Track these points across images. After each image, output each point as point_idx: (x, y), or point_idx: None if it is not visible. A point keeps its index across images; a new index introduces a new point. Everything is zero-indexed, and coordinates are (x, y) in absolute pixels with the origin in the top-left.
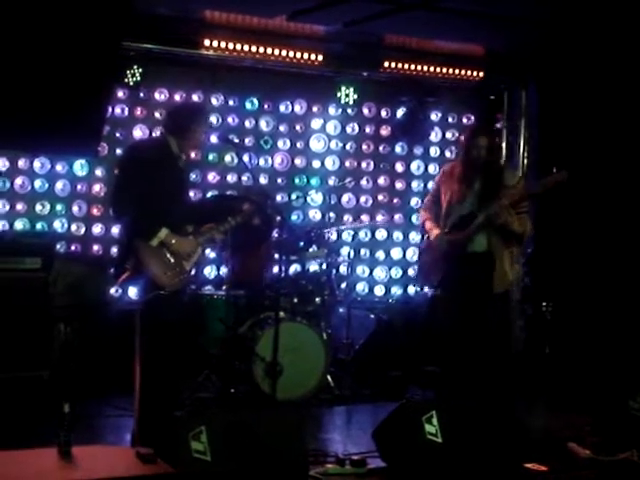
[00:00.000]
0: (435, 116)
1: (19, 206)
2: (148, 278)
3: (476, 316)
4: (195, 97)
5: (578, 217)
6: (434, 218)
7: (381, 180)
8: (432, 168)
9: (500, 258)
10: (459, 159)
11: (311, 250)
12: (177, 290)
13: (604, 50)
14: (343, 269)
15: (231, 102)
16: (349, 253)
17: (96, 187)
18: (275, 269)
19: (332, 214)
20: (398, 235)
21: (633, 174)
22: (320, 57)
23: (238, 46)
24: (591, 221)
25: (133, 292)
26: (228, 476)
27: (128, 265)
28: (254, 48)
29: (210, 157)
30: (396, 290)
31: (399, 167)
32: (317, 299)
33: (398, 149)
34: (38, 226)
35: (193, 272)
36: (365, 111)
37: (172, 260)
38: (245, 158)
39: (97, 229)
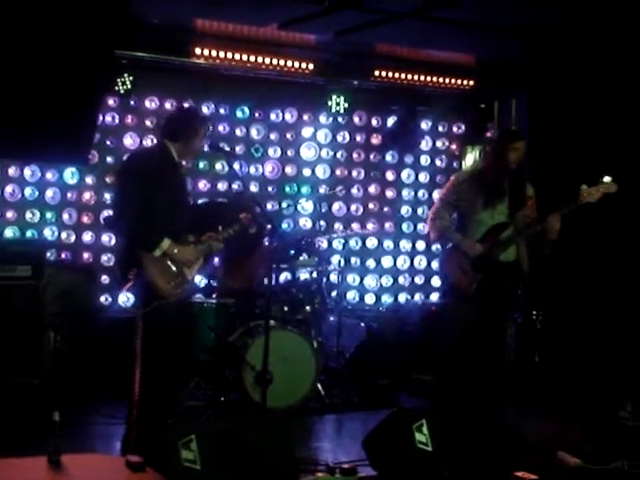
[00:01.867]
0: (425, 125)
1: (9, 214)
2: (151, 288)
3: (494, 325)
4: (186, 105)
5: (569, 226)
6: (451, 226)
7: (372, 188)
8: (422, 177)
9: (524, 266)
10: (487, 165)
11: (301, 258)
12: (179, 299)
13: (595, 59)
14: (333, 277)
15: (222, 110)
16: (339, 261)
17: (86, 195)
18: (265, 277)
19: (323, 222)
20: (388, 243)
21: (625, 184)
22: (311, 66)
23: (229, 55)
24: (582, 231)
25: (123, 300)
26: None
27: (130, 275)
28: (245, 57)
29: (201, 165)
30: (386, 298)
31: (390, 175)
32: (307, 307)
33: (389, 158)
34: (28, 234)
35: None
36: (356, 120)
37: (174, 269)
38: (236, 166)
39: (87, 237)
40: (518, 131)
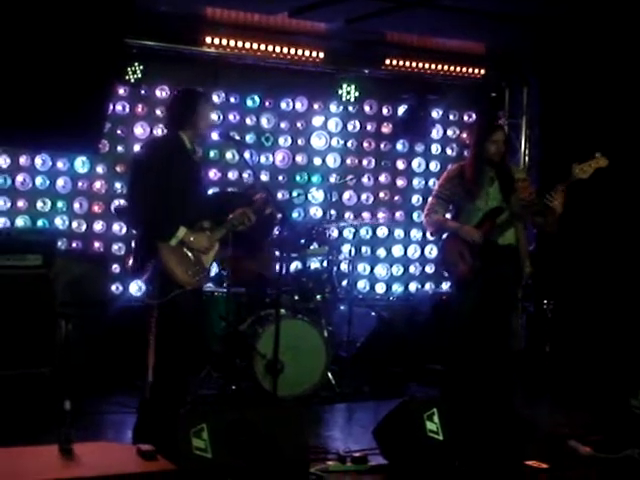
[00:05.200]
0: (436, 113)
1: (20, 203)
2: (168, 278)
3: (498, 311)
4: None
5: (580, 215)
6: (447, 218)
7: (382, 177)
8: (433, 165)
9: (524, 251)
10: (470, 158)
11: (312, 247)
12: (196, 288)
13: (606, 47)
14: (344, 266)
15: (232, 99)
16: (350, 250)
17: (97, 184)
18: (276, 266)
19: (333, 211)
20: (399, 232)
21: (635, 172)
22: (321, 54)
23: (239, 43)
24: (593, 219)
25: (134, 289)
26: (229, 473)
27: (148, 266)
28: (255, 45)
29: (211, 154)
30: (397, 287)
31: (400, 164)
32: (318, 296)
33: (399, 146)
34: (39, 223)
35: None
36: (366, 108)
37: (192, 258)
38: (246, 155)
39: (98, 226)
40: (494, 123)
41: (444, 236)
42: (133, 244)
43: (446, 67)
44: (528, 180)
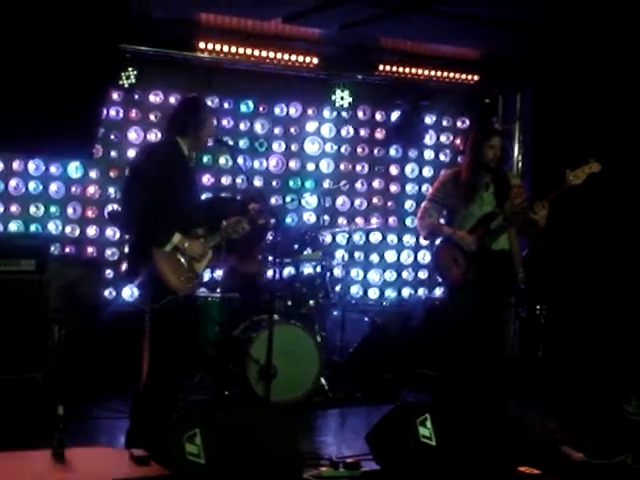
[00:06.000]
0: (430, 119)
1: (13, 208)
2: (162, 283)
3: (492, 316)
4: (189, 96)
5: (572, 220)
6: (440, 222)
7: (375, 183)
8: (426, 171)
9: (517, 256)
10: (467, 162)
11: (305, 253)
12: (188, 294)
13: (599, 54)
14: (337, 272)
15: (226, 104)
16: (343, 256)
17: (90, 189)
18: (269, 272)
19: (327, 217)
20: (392, 238)
21: (627, 177)
22: (315, 60)
23: (233, 49)
24: (585, 224)
25: (127, 294)
26: (222, 478)
27: (142, 271)
28: (249, 51)
29: (205, 159)
30: (390, 293)
31: (393, 170)
32: (311, 302)
33: (392, 152)
34: (32, 228)
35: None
36: (360, 114)
37: (185, 265)
38: (240, 160)
39: (91, 231)
40: (492, 128)
41: (438, 241)
42: (127, 249)
43: (439, 73)
44: (523, 187)
